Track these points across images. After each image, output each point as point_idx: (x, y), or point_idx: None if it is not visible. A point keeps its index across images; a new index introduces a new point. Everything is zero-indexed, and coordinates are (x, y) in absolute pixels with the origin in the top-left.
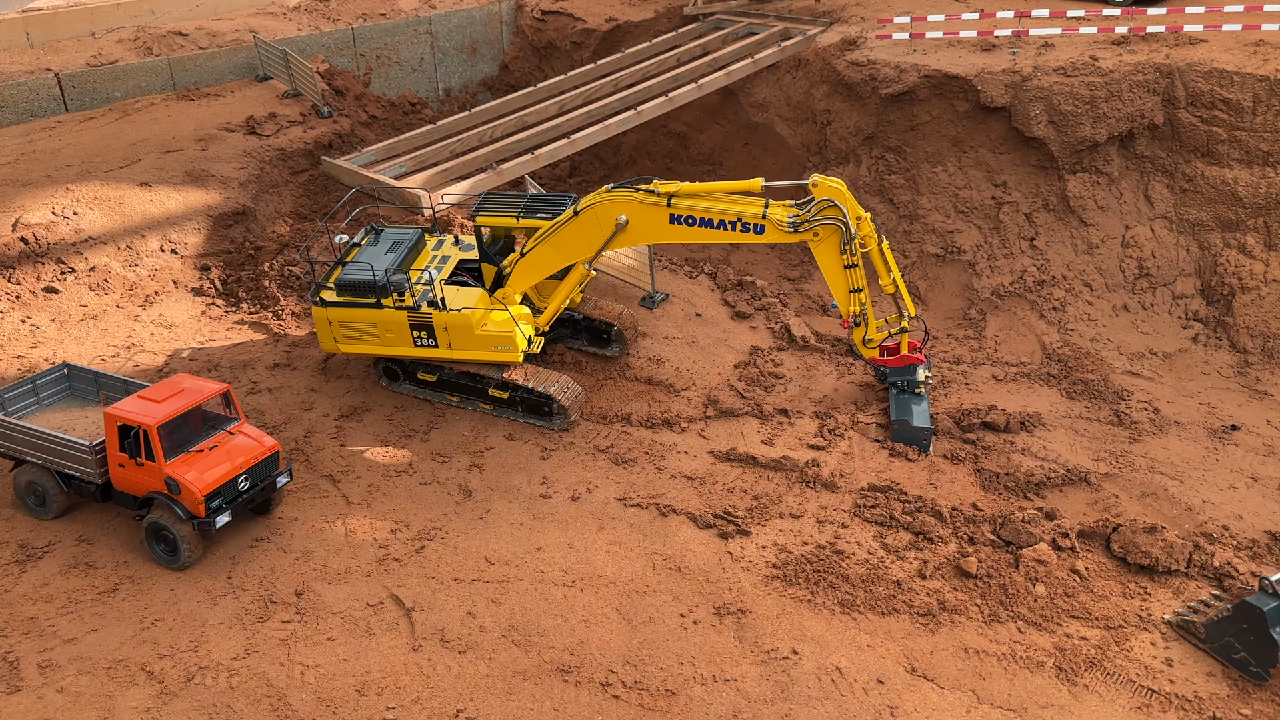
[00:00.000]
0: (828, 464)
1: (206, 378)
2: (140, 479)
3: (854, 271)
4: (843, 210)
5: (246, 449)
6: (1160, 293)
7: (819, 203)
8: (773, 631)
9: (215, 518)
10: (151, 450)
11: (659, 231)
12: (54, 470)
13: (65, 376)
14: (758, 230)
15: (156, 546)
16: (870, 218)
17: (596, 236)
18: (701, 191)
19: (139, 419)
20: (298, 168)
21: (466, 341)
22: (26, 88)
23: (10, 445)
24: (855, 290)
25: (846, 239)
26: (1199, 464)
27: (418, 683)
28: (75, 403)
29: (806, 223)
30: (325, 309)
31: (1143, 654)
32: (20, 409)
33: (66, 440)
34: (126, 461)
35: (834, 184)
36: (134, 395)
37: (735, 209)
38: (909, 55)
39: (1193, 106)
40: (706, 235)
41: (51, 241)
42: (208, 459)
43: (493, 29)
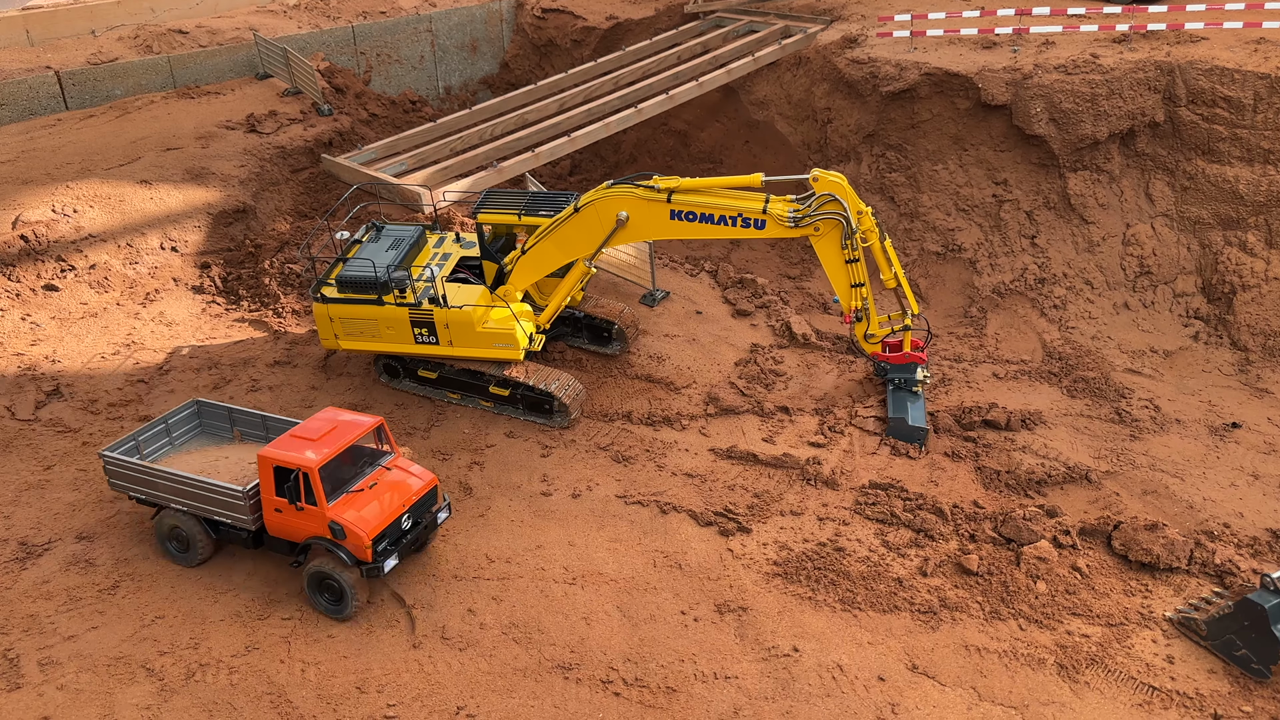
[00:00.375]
0: (828, 461)
1: (357, 411)
2: (299, 524)
3: (855, 266)
4: (843, 205)
5: (406, 485)
6: (1161, 290)
7: (820, 197)
8: (773, 629)
9: (383, 562)
10: (313, 494)
11: (659, 227)
12: (200, 516)
13: (196, 413)
14: (758, 225)
15: (320, 596)
16: (871, 212)
17: (597, 233)
18: (702, 187)
19: (298, 461)
20: (298, 165)
21: (468, 339)
22: (26, 85)
23: (152, 492)
24: (856, 285)
25: (847, 233)
26: (1200, 462)
27: (418, 680)
28: (208, 440)
29: (807, 217)
30: (326, 305)
31: (1144, 651)
32: (155, 451)
33: (217, 486)
34: (284, 506)
35: (835, 178)
36: (286, 435)
37: (736, 204)
38: (910, 53)
39: (1194, 104)
40: (707, 231)
41: (51, 239)
42: (369, 499)
43: (493, 27)
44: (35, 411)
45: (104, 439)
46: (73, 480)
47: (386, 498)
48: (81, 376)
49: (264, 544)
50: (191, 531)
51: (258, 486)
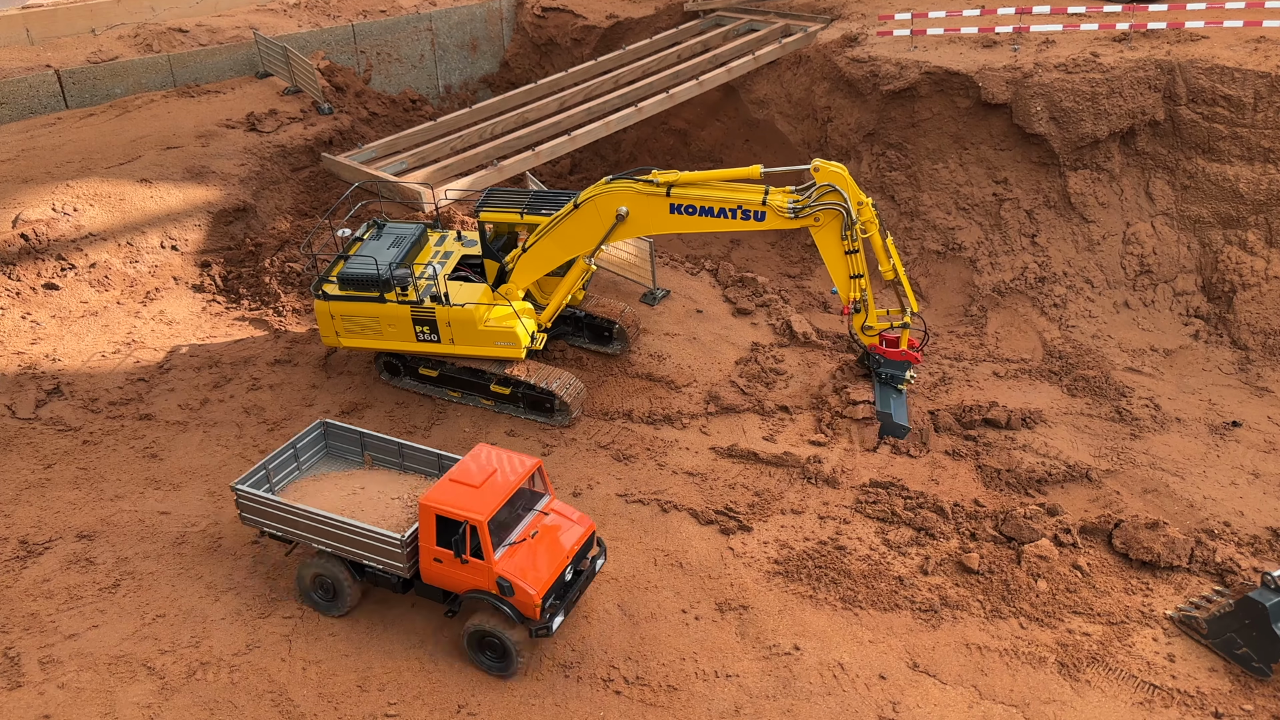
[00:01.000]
0: (829, 460)
1: (510, 449)
2: (461, 576)
3: (854, 257)
4: (843, 195)
5: (567, 534)
6: (1161, 289)
7: (820, 188)
8: (774, 627)
9: (551, 621)
10: (479, 547)
11: (659, 222)
12: (345, 559)
13: (323, 435)
14: (758, 217)
15: (482, 654)
16: (871, 203)
17: (597, 229)
18: (700, 180)
19: (466, 514)
20: (298, 164)
21: (469, 337)
22: (27, 84)
23: (292, 530)
24: (855, 276)
25: (847, 224)
26: (1200, 460)
27: (419, 679)
28: (335, 464)
29: (807, 208)
30: (327, 303)
31: (1145, 649)
32: (283, 479)
33: (373, 532)
34: (446, 557)
35: (835, 169)
36: (446, 480)
37: (735, 196)
38: (910, 52)
39: (1194, 103)
40: (707, 224)
41: (52, 238)
42: (533, 550)
43: (493, 26)
44: (36, 410)
45: (105, 437)
46: (73, 479)
47: (550, 549)
48: (82, 375)
49: (413, 589)
50: (337, 577)
51: (416, 533)
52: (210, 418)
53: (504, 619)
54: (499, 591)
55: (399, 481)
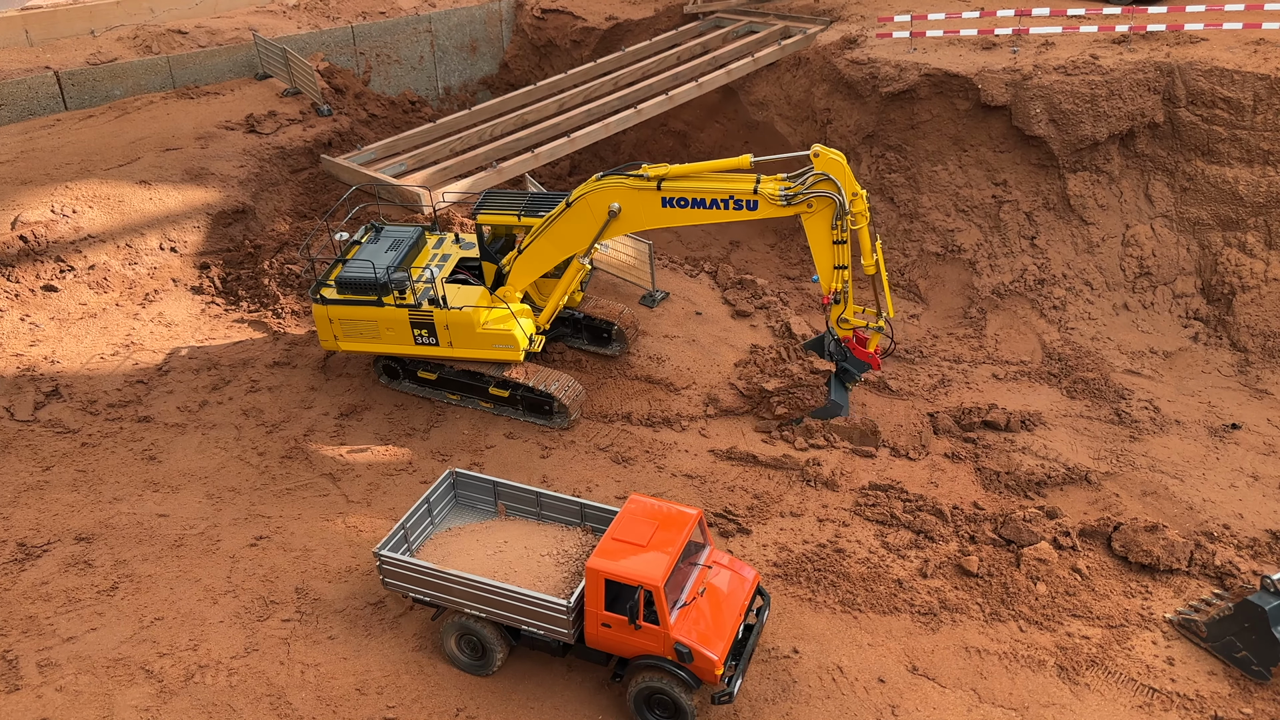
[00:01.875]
0: (828, 462)
1: (669, 500)
2: (634, 642)
3: (841, 248)
4: (837, 184)
5: (734, 589)
6: (1161, 291)
7: (814, 175)
8: (773, 630)
9: (733, 686)
10: (654, 613)
11: (652, 216)
12: (501, 623)
13: (453, 485)
14: (750, 206)
15: (650, 713)
16: (865, 195)
17: (590, 226)
18: (691, 172)
19: (640, 578)
20: (297, 166)
21: (468, 340)
22: (26, 86)
23: (444, 596)
24: (840, 267)
25: (839, 213)
26: (1199, 463)
27: (418, 682)
28: (467, 514)
29: (799, 195)
30: (326, 306)
31: (1144, 653)
32: (420, 536)
33: (536, 598)
34: (616, 622)
35: (835, 156)
36: (609, 539)
37: (726, 186)
38: (909, 54)
39: (1193, 105)
40: (700, 216)
41: (51, 240)
42: (706, 611)
43: (492, 27)
44: (34, 412)
45: (103, 440)
46: (72, 481)
47: (723, 607)
48: (80, 377)
49: (573, 653)
50: (488, 639)
51: (582, 597)
52: (209, 420)
53: (680, 683)
54: (676, 658)
55: (540, 534)
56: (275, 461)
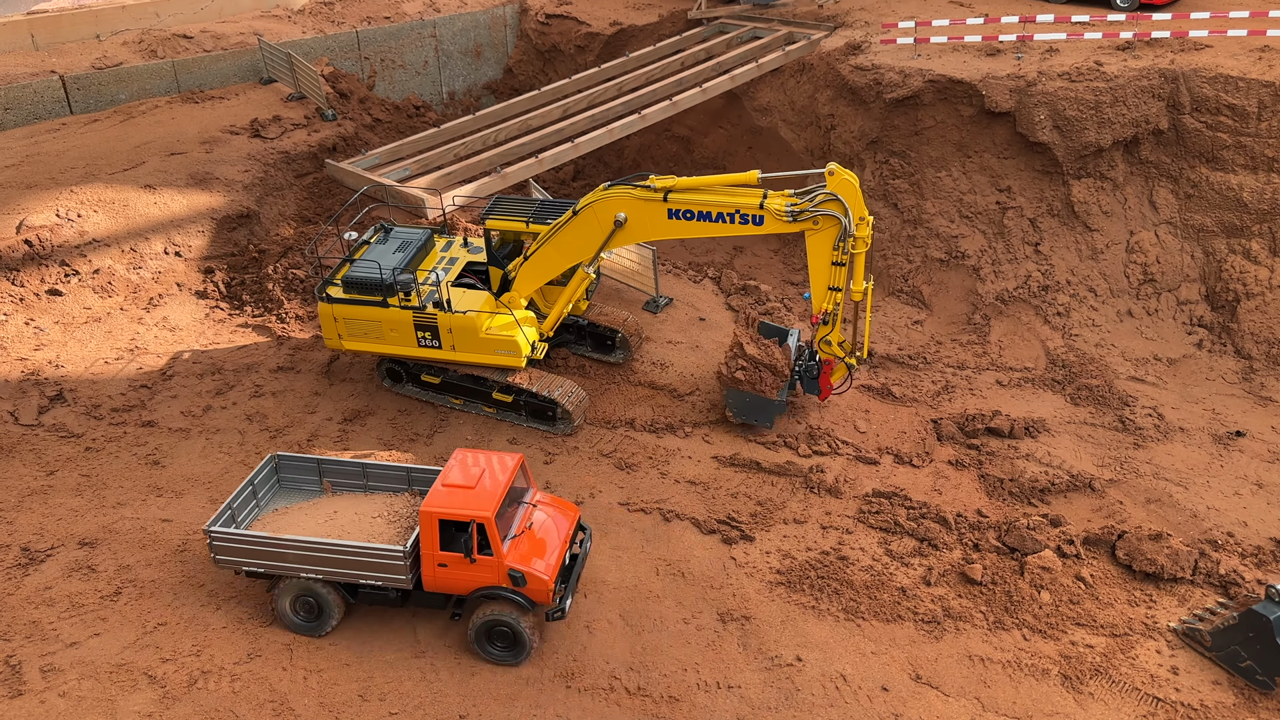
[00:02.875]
0: (831, 469)
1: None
2: (470, 576)
3: (839, 270)
4: (845, 206)
5: (561, 521)
6: (1165, 298)
7: (824, 194)
8: (777, 638)
9: (565, 602)
10: (488, 544)
11: (657, 227)
12: (337, 581)
13: (275, 469)
14: (756, 221)
15: (491, 645)
16: (871, 222)
17: (596, 235)
18: (698, 185)
19: (472, 513)
20: (302, 171)
21: (470, 344)
22: (31, 90)
23: (277, 564)
24: (834, 289)
25: (843, 235)
26: (1203, 470)
27: (420, 688)
28: (294, 495)
29: (805, 212)
30: (331, 305)
31: (1148, 662)
32: (246, 517)
33: (373, 549)
34: (452, 560)
35: (849, 178)
36: (438, 486)
37: (733, 201)
38: (913, 60)
39: (1198, 112)
40: (705, 229)
41: (55, 244)
42: (535, 541)
43: (497, 32)
44: (38, 416)
45: (107, 444)
46: (75, 486)
47: (549, 537)
48: (85, 381)
49: (413, 601)
50: (324, 598)
51: (416, 542)
52: (213, 425)
53: (516, 608)
54: (511, 584)
55: (369, 501)
56: None
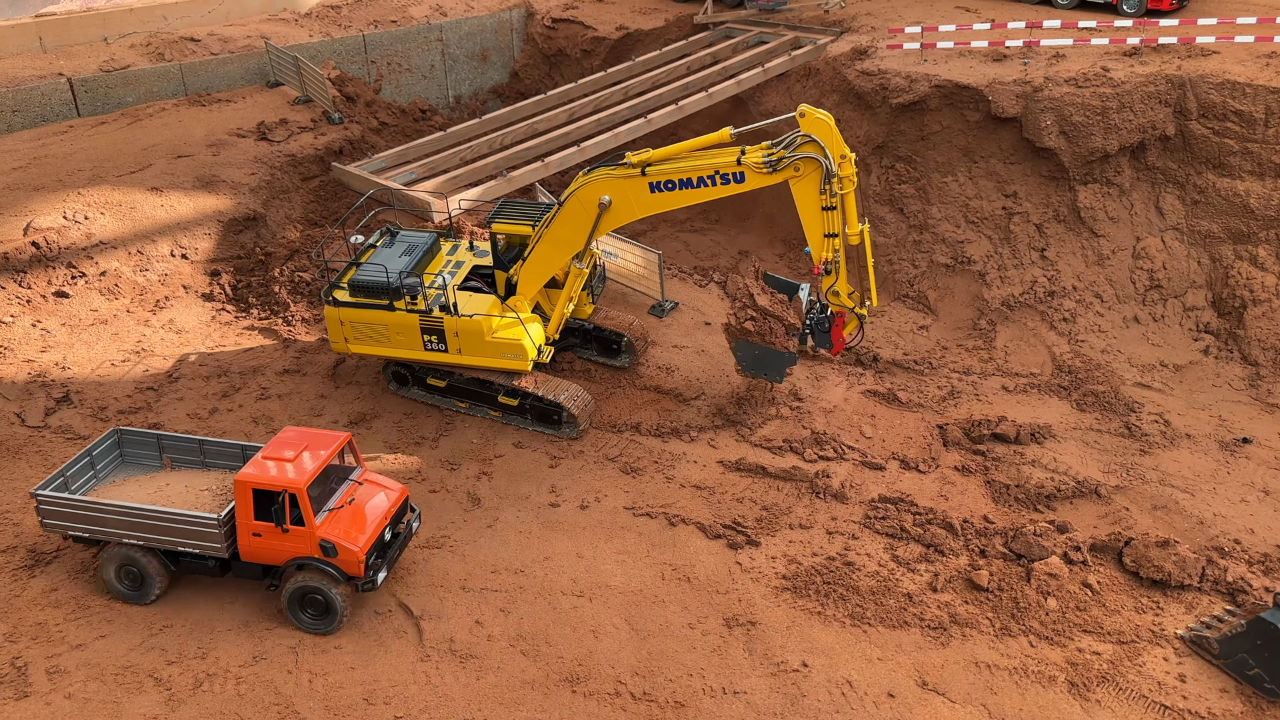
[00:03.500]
0: (837, 475)
1: (318, 428)
2: (283, 546)
3: (831, 215)
4: (823, 147)
5: (383, 498)
6: (1171, 304)
7: (800, 136)
8: (782, 643)
9: (376, 575)
10: (300, 514)
11: (642, 204)
12: (158, 549)
13: (118, 443)
14: (737, 179)
15: (303, 612)
16: (854, 159)
17: (584, 222)
18: (674, 154)
19: (285, 482)
20: (308, 174)
21: (477, 348)
22: (39, 92)
23: (99, 529)
24: (830, 235)
25: (826, 177)
26: (1210, 477)
27: (425, 692)
28: (134, 470)
29: (784, 159)
30: (338, 309)
31: (1155, 669)
32: (81, 486)
33: (187, 515)
34: (266, 530)
35: (821, 117)
36: (258, 457)
37: (710, 162)
38: (920, 65)
39: (1204, 118)
40: (688, 197)
41: (62, 246)
42: (352, 515)
43: (503, 36)
44: (45, 418)
45: None
46: None
47: (368, 511)
48: (91, 383)
49: (232, 571)
50: (145, 567)
51: (232, 511)
52: (219, 427)
53: (328, 578)
54: (322, 554)
55: (204, 477)
56: None
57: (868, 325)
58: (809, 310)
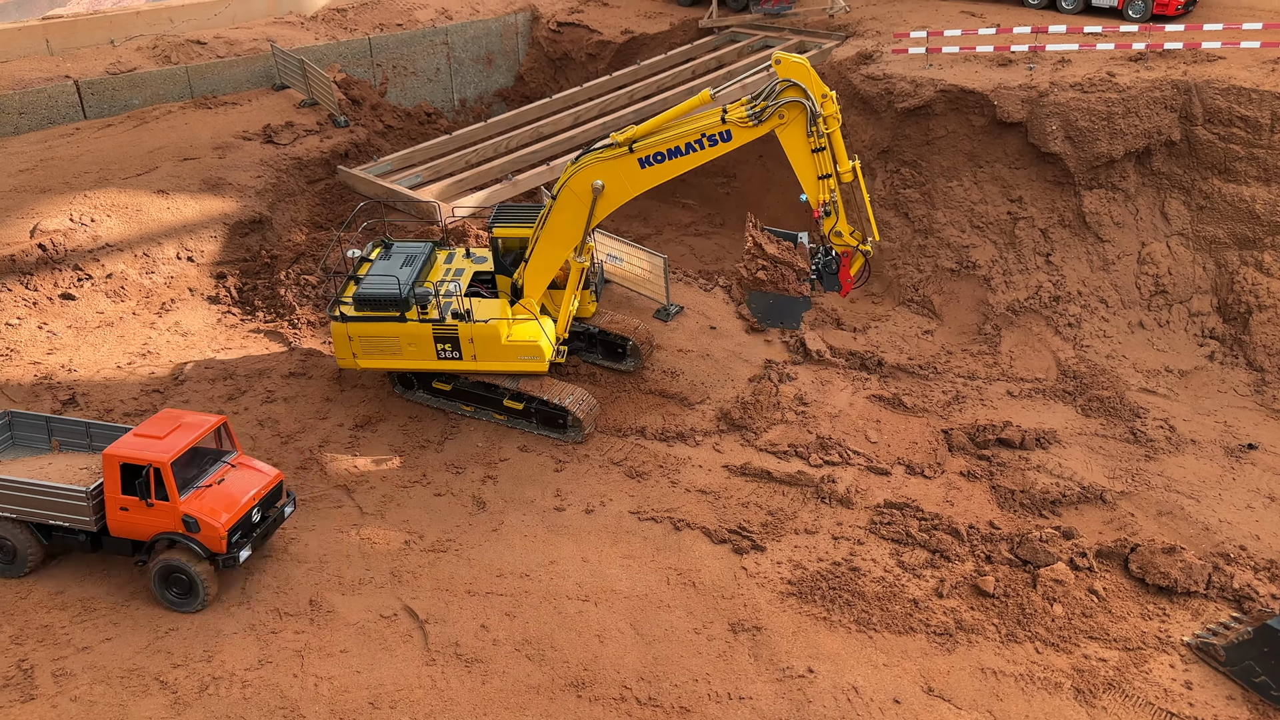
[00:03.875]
0: (843, 480)
1: (197, 411)
2: (148, 521)
3: (821, 156)
4: (804, 89)
5: (254, 480)
6: (1176, 310)
7: (780, 83)
8: (788, 649)
9: (238, 552)
10: (164, 489)
11: (635, 181)
12: (29, 522)
13: (8, 425)
14: (725, 137)
15: (168, 590)
16: (835, 96)
17: (580, 211)
18: (658, 125)
19: (150, 457)
20: (314, 177)
21: (493, 353)
22: (46, 94)
23: None
24: (824, 177)
25: (811, 118)
26: (1215, 483)
27: (430, 696)
28: (22, 453)
29: (768, 108)
30: (345, 324)
31: (1162, 676)
32: None
33: (55, 488)
34: (132, 504)
35: (798, 61)
36: (130, 434)
37: (695, 127)
38: (925, 70)
39: (1210, 123)
40: (680, 165)
41: (69, 248)
42: (219, 493)
43: (508, 40)
44: None
45: None
46: None
47: (236, 491)
48: (97, 386)
49: (103, 546)
50: (17, 540)
51: (101, 486)
52: None
53: (191, 554)
54: (186, 529)
55: (87, 459)
56: (290, 472)
57: (879, 330)
58: (814, 255)
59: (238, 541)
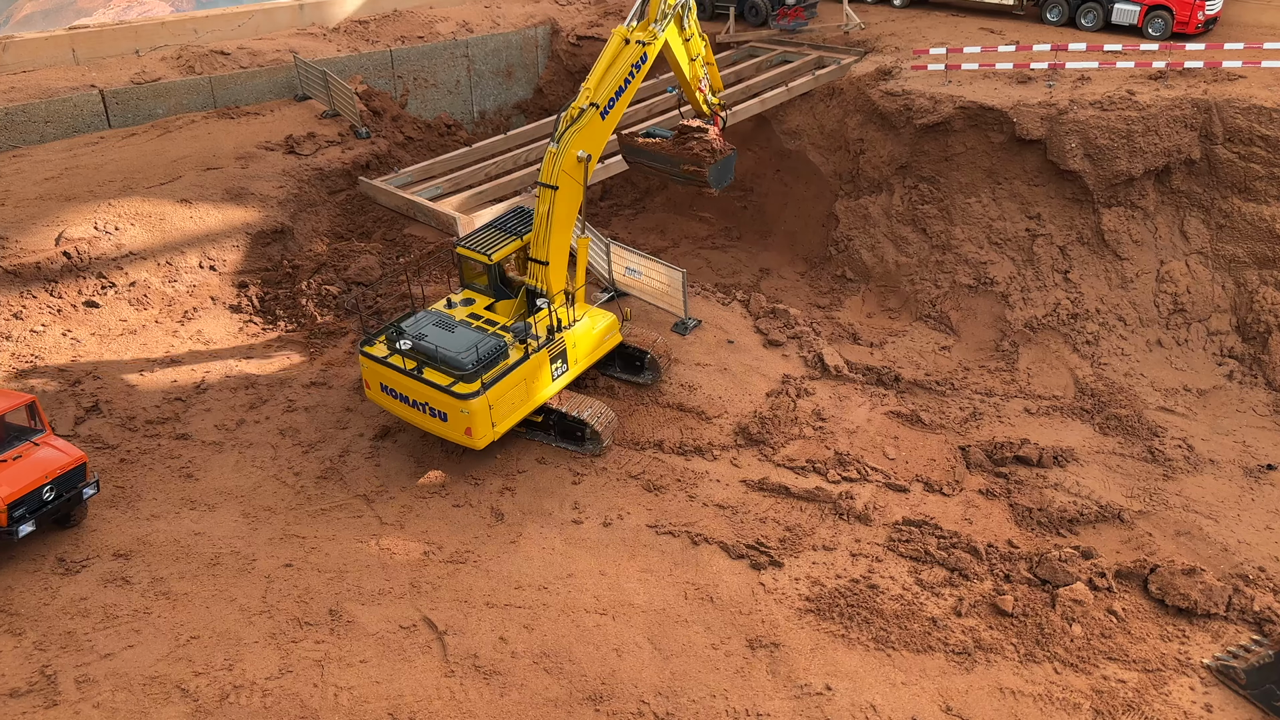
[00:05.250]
0: (861, 496)
1: (9, 389)
2: None
3: (690, 42)
4: None
5: (52, 460)
6: (1195, 328)
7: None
8: (806, 666)
9: (18, 527)
10: None
11: (603, 133)
12: None
13: None
14: (643, 59)
15: None
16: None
17: (577, 188)
18: (599, 77)
19: None
20: (335, 187)
21: (589, 346)
22: (71, 103)
23: None
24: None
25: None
26: (1234, 503)
27: (449, 708)
28: None
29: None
30: (482, 398)
31: (1181, 698)
32: None
33: None
34: None
35: None
36: None
37: (624, 62)
38: (944, 86)
39: (1230, 142)
40: (625, 101)
41: (93, 256)
42: (11, 468)
43: (528, 53)
44: (74, 427)
45: (141, 456)
46: (110, 497)
47: (29, 469)
48: (120, 393)
49: None
50: None
51: None
52: (246, 439)
53: None
54: None
55: None
56: (311, 482)
57: (896, 345)
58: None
59: (19, 516)
